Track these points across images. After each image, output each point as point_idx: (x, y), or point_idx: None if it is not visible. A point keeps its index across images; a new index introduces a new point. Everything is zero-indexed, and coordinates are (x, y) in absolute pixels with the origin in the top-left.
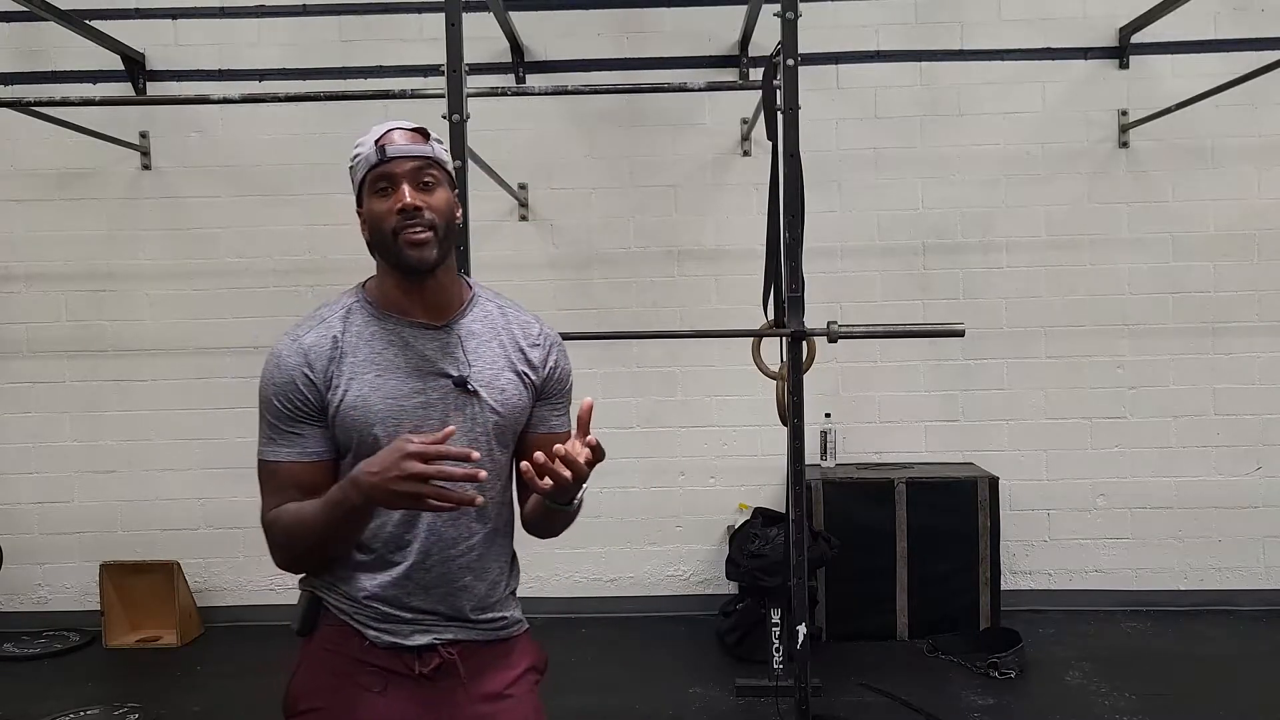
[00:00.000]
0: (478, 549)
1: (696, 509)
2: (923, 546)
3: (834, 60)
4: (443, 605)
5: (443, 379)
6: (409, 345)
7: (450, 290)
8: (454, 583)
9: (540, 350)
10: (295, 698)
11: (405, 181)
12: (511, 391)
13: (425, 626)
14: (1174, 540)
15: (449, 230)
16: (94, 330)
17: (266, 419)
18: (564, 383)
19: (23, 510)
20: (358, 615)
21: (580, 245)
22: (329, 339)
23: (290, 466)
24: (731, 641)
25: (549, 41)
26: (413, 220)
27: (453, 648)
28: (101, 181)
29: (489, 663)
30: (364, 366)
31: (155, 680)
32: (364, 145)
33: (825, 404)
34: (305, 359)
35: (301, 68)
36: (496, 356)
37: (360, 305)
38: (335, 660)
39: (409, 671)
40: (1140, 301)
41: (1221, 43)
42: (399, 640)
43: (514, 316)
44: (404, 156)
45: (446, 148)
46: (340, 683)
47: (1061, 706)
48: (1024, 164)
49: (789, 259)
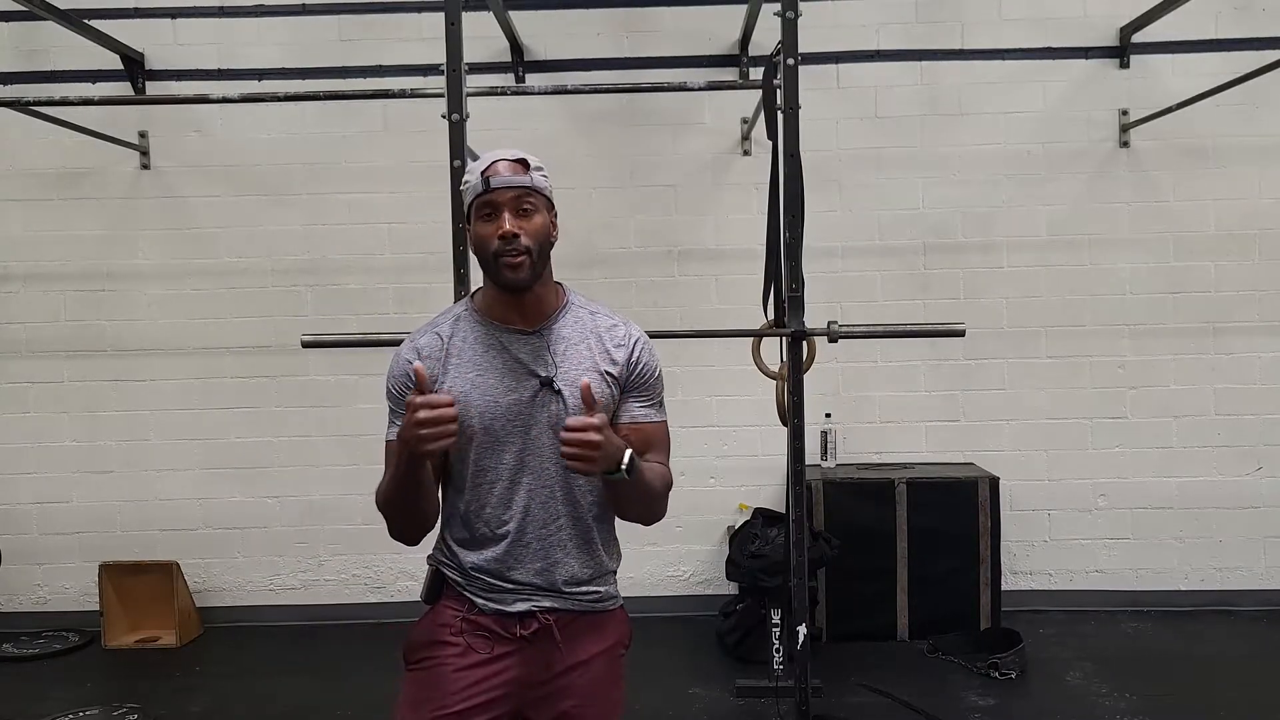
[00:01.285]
0: (567, 529)
1: (696, 509)
2: (923, 547)
3: (834, 60)
4: (538, 579)
5: (533, 379)
6: (505, 349)
7: (544, 300)
8: (548, 558)
9: (624, 350)
10: (412, 648)
11: (506, 209)
12: (596, 389)
13: (525, 596)
14: (1174, 540)
15: (543, 251)
16: (93, 330)
17: (389, 405)
18: (647, 377)
19: (22, 510)
20: (468, 586)
21: (580, 245)
22: (438, 340)
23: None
24: (732, 642)
25: (549, 41)
26: (511, 246)
27: (549, 614)
28: (100, 181)
29: (583, 631)
30: (467, 366)
31: (154, 681)
32: (473, 174)
33: (825, 404)
34: (418, 355)
35: (301, 67)
36: (583, 358)
37: (468, 313)
38: (450, 618)
39: (511, 634)
40: (1141, 301)
41: (1222, 42)
42: (502, 607)
43: (602, 320)
44: (506, 186)
45: (546, 174)
46: (451, 638)
47: (1062, 707)
48: (1024, 164)
49: (789, 259)
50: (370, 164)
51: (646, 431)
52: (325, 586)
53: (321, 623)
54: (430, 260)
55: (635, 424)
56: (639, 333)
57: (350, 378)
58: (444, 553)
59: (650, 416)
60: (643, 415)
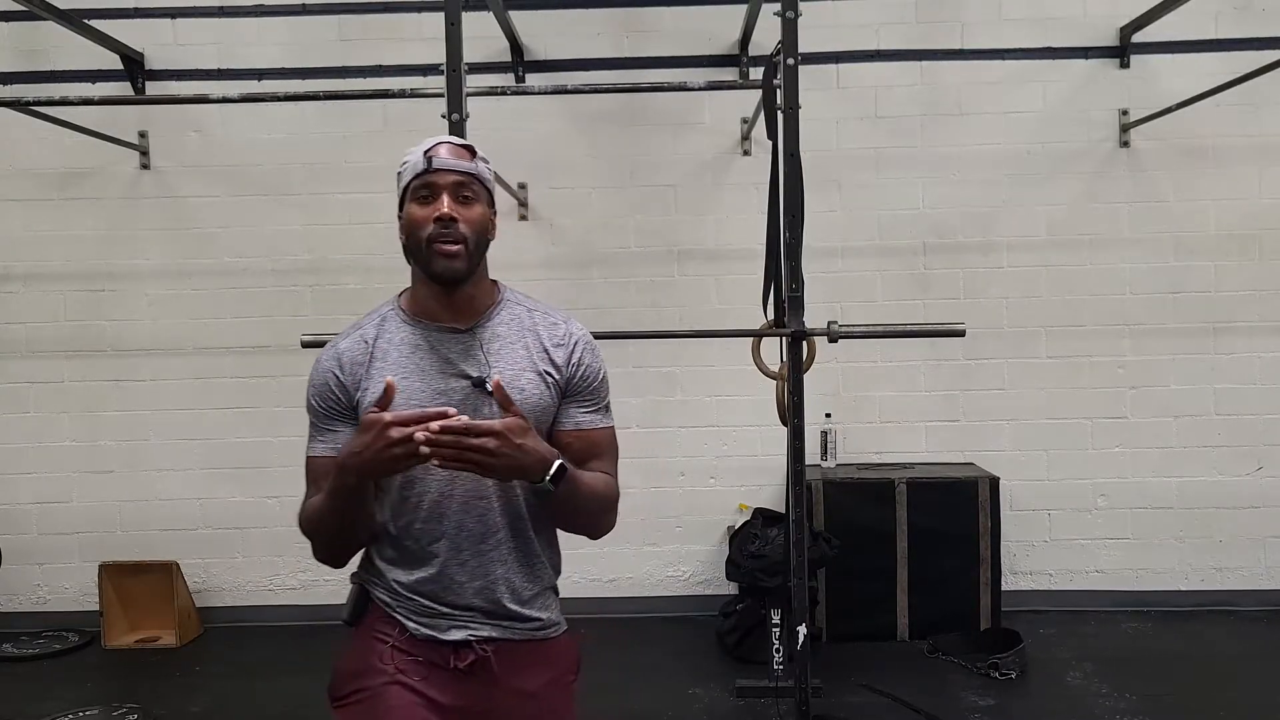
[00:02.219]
0: (507, 542)
1: (696, 509)
2: (923, 547)
3: (834, 60)
4: (479, 599)
5: (463, 380)
6: (434, 349)
7: (478, 296)
8: (487, 575)
9: (564, 350)
10: (339, 682)
11: (446, 193)
12: (531, 391)
13: (462, 623)
14: (1175, 540)
15: (480, 244)
16: (93, 330)
17: (310, 420)
18: (590, 379)
19: (22, 510)
20: (399, 608)
21: (580, 245)
22: (362, 343)
23: (324, 461)
24: (732, 642)
25: (549, 41)
26: (447, 230)
27: (487, 645)
28: (101, 181)
29: (525, 663)
30: (392, 369)
31: (154, 680)
32: (413, 154)
33: (825, 404)
34: (338, 362)
35: (301, 67)
36: (519, 358)
37: (395, 312)
38: (378, 647)
39: (445, 664)
40: (1141, 301)
41: (1222, 42)
42: (436, 634)
43: (541, 318)
44: (449, 169)
45: (490, 166)
46: (380, 669)
47: (1062, 707)
48: (1024, 164)
49: (789, 259)
50: (370, 164)
51: (592, 439)
52: (325, 586)
53: (321, 623)
54: None
55: (580, 430)
56: (581, 331)
57: None
58: (370, 571)
59: (596, 422)
60: (588, 421)
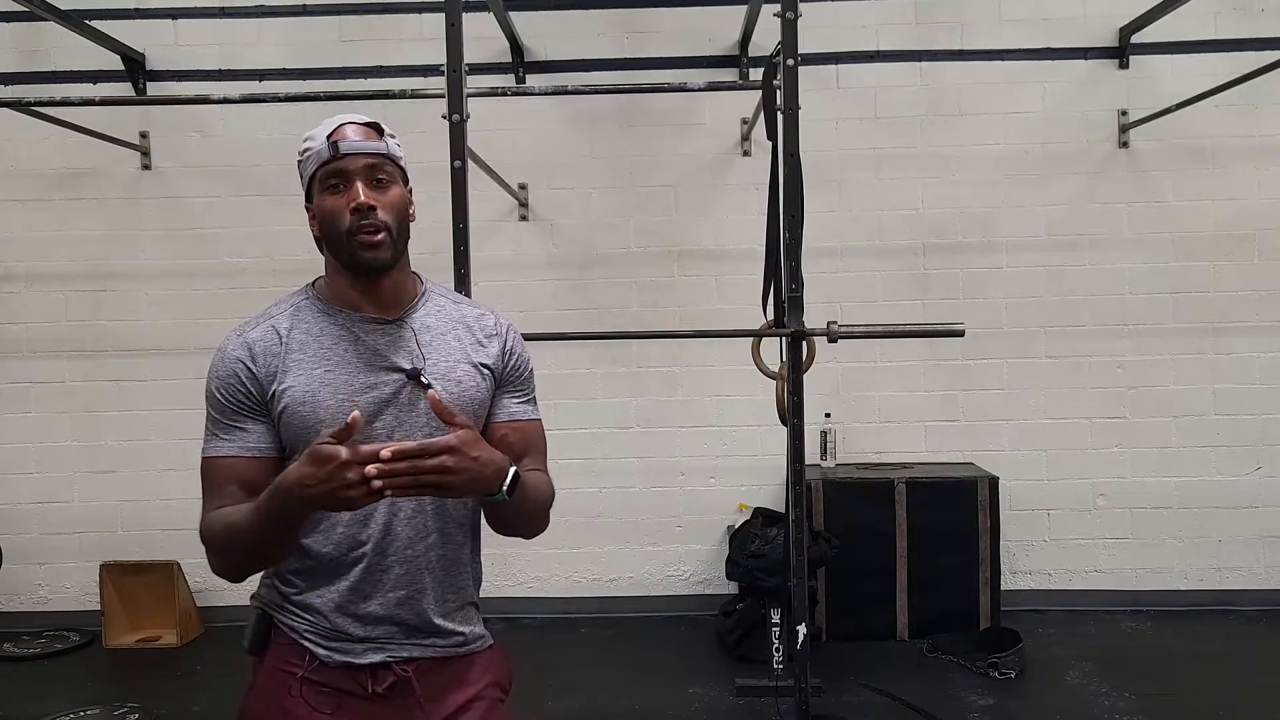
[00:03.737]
0: (436, 549)
1: (696, 509)
2: (923, 546)
3: (834, 60)
4: (403, 610)
5: (395, 372)
6: (359, 340)
7: (403, 286)
8: (412, 584)
9: (498, 340)
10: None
11: (359, 179)
12: (469, 383)
13: (379, 644)
14: (1174, 540)
15: (402, 229)
16: (94, 330)
17: (210, 414)
18: (521, 369)
19: (23, 510)
20: (309, 633)
21: (580, 245)
22: (274, 333)
23: (230, 461)
24: (731, 641)
25: (549, 41)
26: (367, 221)
27: (408, 665)
28: (101, 181)
29: (448, 681)
30: (312, 362)
31: (155, 680)
32: (315, 139)
33: (825, 404)
34: (249, 352)
35: (301, 68)
36: (452, 349)
37: (309, 302)
38: (285, 680)
39: (362, 691)
40: (1140, 301)
41: (1221, 43)
42: (351, 659)
43: (468, 310)
44: (357, 154)
45: (399, 142)
46: (290, 704)
47: (1061, 707)
48: (1024, 164)
49: (789, 259)
50: None
51: (526, 431)
52: None
53: None
54: (430, 260)
55: (514, 422)
56: (508, 321)
57: None
58: (275, 592)
59: (528, 413)
60: (521, 412)
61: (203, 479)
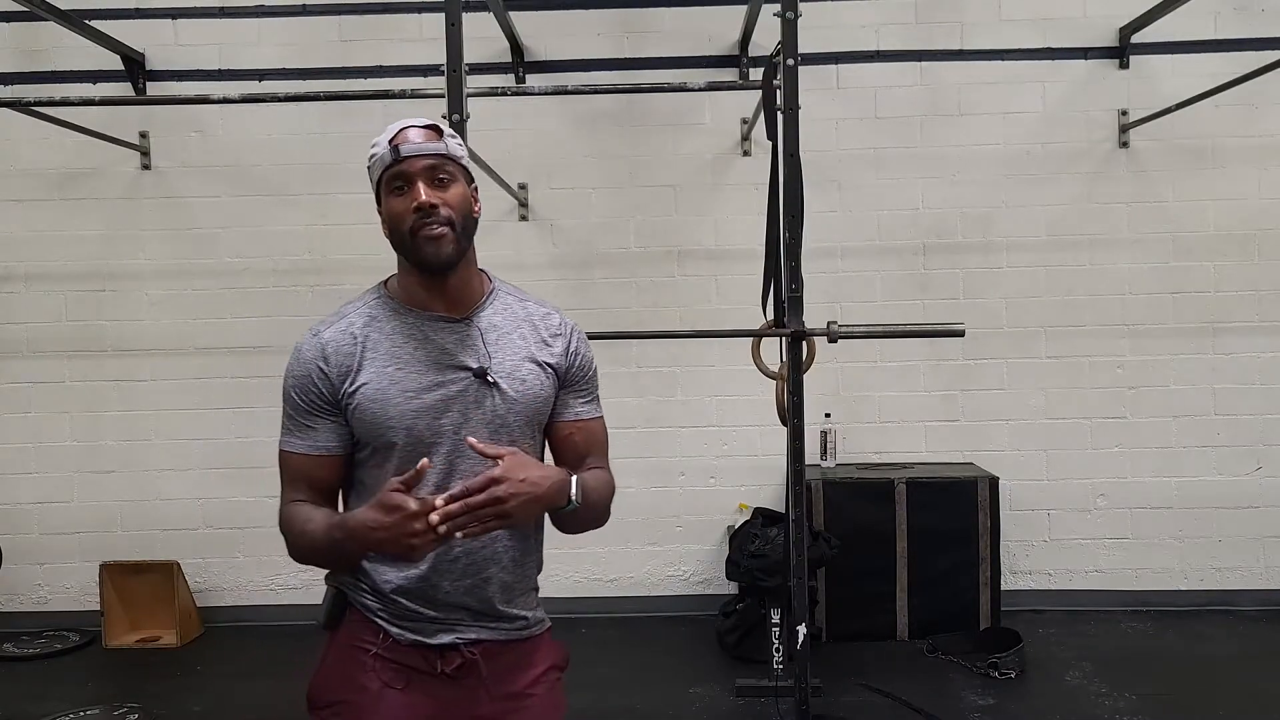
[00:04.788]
0: (501, 539)
1: (696, 509)
2: (923, 546)
3: (834, 60)
4: (470, 598)
5: (462, 371)
6: (429, 339)
7: (470, 284)
8: (480, 574)
9: (562, 339)
10: (317, 692)
11: (420, 180)
12: (533, 381)
13: (449, 625)
14: (1174, 540)
15: (466, 225)
16: (94, 330)
17: (285, 410)
18: (586, 370)
19: (23, 510)
20: (382, 612)
21: (580, 245)
22: (348, 334)
23: (300, 459)
24: (731, 642)
25: (549, 41)
26: (429, 218)
27: (475, 648)
28: (101, 181)
29: (512, 662)
30: (383, 360)
31: (155, 680)
32: (379, 145)
33: (825, 404)
34: (322, 353)
35: (301, 67)
36: (517, 348)
37: (381, 301)
38: (359, 655)
39: (431, 670)
40: (1140, 301)
41: (1221, 43)
42: (422, 638)
43: (534, 309)
44: (418, 155)
45: (460, 142)
46: (362, 678)
47: (1061, 707)
48: (1024, 164)
49: (789, 259)
50: None
51: (590, 429)
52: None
53: None
54: None
55: (579, 421)
56: (573, 322)
57: None
58: (352, 573)
59: (591, 412)
60: (586, 412)
61: (280, 468)
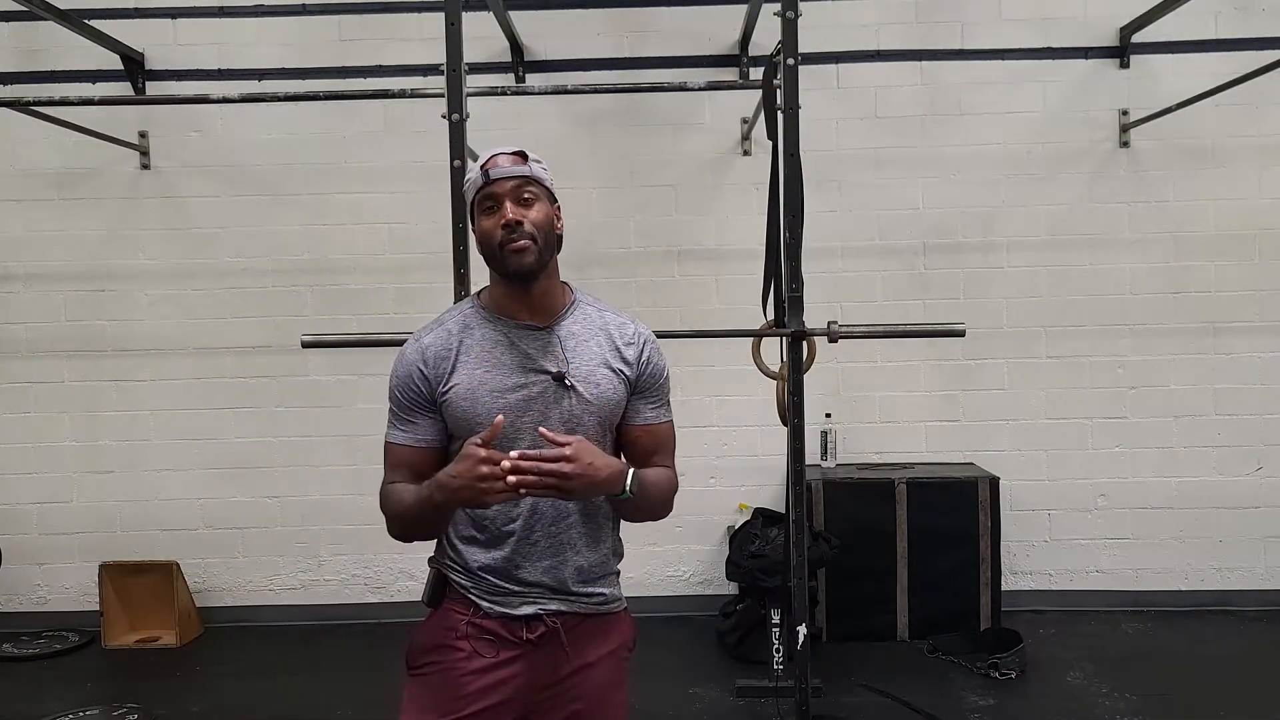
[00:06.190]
0: (576, 526)
1: (697, 509)
2: (923, 546)
3: (834, 60)
4: (547, 578)
5: (542, 374)
6: (514, 345)
7: (553, 294)
8: (557, 555)
9: (634, 348)
10: (415, 652)
11: (507, 199)
12: (606, 385)
13: (531, 599)
14: (1175, 540)
15: (548, 240)
16: (93, 330)
17: (391, 406)
18: (657, 378)
19: (22, 510)
20: (473, 589)
21: (580, 245)
22: (447, 339)
23: (402, 450)
24: (732, 642)
25: (549, 41)
26: (514, 233)
27: (556, 618)
28: (101, 181)
29: (589, 634)
30: (475, 363)
31: (154, 680)
32: (473, 170)
33: (825, 404)
34: (422, 356)
35: (301, 67)
36: (593, 354)
37: (475, 310)
38: (453, 623)
39: (517, 639)
40: (1140, 301)
41: (1222, 42)
42: (508, 610)
43: (610, 318)
44: (505, 177)
45: (545, 166)
46: (455, 643)
47: (1062, 707)
48: (1024, 164)
49: (789, 259)
50: (370, 164)
51: (658, 433)
52: (325, 586)
53: (321, 623)
54: (430, 260)
55: (648, 426)
56: (648, 331)
57: (350, 378)
58: (448, 554)
59: (661, 418)
60: (654, 417)
61: (384, 456)
